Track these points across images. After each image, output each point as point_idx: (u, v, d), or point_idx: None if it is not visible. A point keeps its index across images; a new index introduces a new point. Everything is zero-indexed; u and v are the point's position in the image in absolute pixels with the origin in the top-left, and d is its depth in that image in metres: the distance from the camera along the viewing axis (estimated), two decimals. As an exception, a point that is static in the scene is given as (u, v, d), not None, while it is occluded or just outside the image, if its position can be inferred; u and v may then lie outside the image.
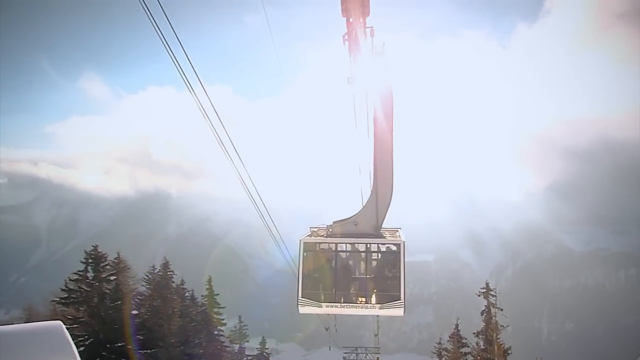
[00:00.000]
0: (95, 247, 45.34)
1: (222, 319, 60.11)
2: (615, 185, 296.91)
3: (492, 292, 44.68)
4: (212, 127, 12.41)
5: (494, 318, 44.46)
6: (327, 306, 16.89)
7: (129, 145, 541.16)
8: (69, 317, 41.74)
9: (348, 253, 17.40)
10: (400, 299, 16.33)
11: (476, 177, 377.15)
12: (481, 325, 45.41)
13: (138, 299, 49.63)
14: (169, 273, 53.22)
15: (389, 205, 17.43)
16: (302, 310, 16.98)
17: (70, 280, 44.23)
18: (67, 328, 4.92)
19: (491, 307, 44.65)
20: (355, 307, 16.76)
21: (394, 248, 16.94)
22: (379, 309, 16.61)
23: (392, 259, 16.97)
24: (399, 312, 16.61)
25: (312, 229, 18.19)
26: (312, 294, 17.01)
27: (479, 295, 45.20)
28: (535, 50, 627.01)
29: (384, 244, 17.24)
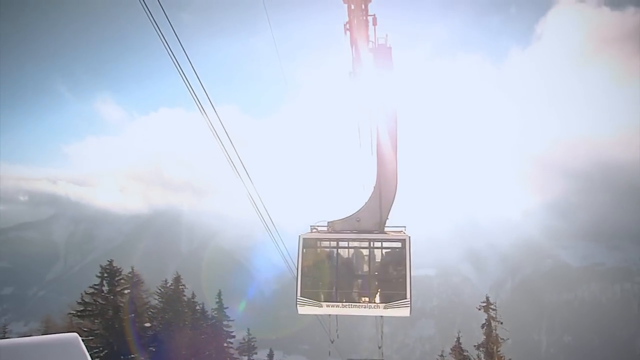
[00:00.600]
0: (111, 262, 45.34)
1: (231, 332, 59.71)
2: (609, 202, 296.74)
3: (492, 306, 44.27)
4: (222, 146, 12.16)
5: (494, 331, 43.96)
6: (327, 306, 15.26)
7: (142, 164, 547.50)
8: (85, 329, 41.67)
9: (350, 250, 15.90)
10: (406, 298, 14.76)
11: (475, 194, 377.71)
12: (482, 338, 44.87)
13: (151, 312, 49.46)
14: (180, 287, 53.11)
15: (393, 201, 16.13)
16: (301, 310, 15.43)
17: (87, 293, 44.21)
18: (82, 340, 4.92)
19: (491, 321, 44.18)
20: (358, 306, 15.19)
21: (399, 244, 15.45)
22: (384, 308, 14.98)
23: (397, 255, 15.39)
24: (404, 312, 14.98)
25: (312, 228, 16.78)
26: (312, 293, 15.41)
27: (480, 309, 44.79)
28: (530, 72, 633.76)
29: (388, 240, 15.82)
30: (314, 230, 16.60)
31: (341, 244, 15.69)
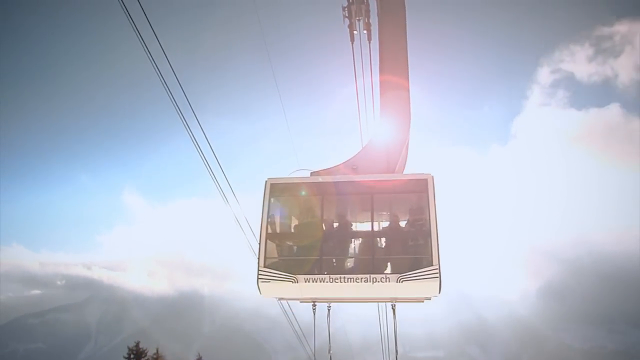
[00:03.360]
0: (137, 344, 44.51)
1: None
2: (599, 287, 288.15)
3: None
4: (242, 230, 11.87)
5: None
6: (307, 280, 9.01)
7: (167, 250, 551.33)
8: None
9: (343, 197, 9.89)
10: (433, 264, 8.66)
11: (472, 277, 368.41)
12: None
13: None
14: (202, 367, 51.21)
15: (406, 140, 10.62)
16: (265, 290, 9.42)
17: (115, 373, 42.77)
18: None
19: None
20: (357, 282, 8.81)
21: (417, 187, 9.49)
22: (397, 282, 8.68)
23: (416, 203, 9.70)
24: (431, 287, 8.82)
25: None
26: (283, 263, 9.39)
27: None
28: (509, 166, 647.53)
29: (400, 180, 9.96)
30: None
31: (329, 190, 9.73)
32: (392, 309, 11.09)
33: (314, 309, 10.81)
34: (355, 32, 12.12)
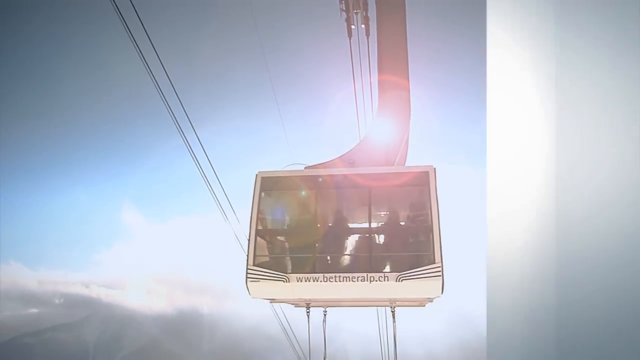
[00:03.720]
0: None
1: None
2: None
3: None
4: (242, 248, 11.85)
5: None
6: (299, 280, 8.41)
7: (166, 269, 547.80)
8: None
9: (339, 191, 9.25)
10: (435, 262, 8.03)
11: (472, 294, 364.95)
12: None
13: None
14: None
15: (406, 132, 10.19)
16: (254, 290, 8.81)
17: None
18: None
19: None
20: (354, 282, 8.15)
21: (417, 180, 8.94)
22: (397, 281, 8.06)
23: (416, 197, 9.14)
24: (433, 287, 8.21)
25: None
26: (273, 262, 8.93)
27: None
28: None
29: (399, 173, 9.28)
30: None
31: (324, 184, 9.18)
32: (392, 312, 10.27)
33: (308, 312, 10.16)
34: (352, 26, 11.71)
